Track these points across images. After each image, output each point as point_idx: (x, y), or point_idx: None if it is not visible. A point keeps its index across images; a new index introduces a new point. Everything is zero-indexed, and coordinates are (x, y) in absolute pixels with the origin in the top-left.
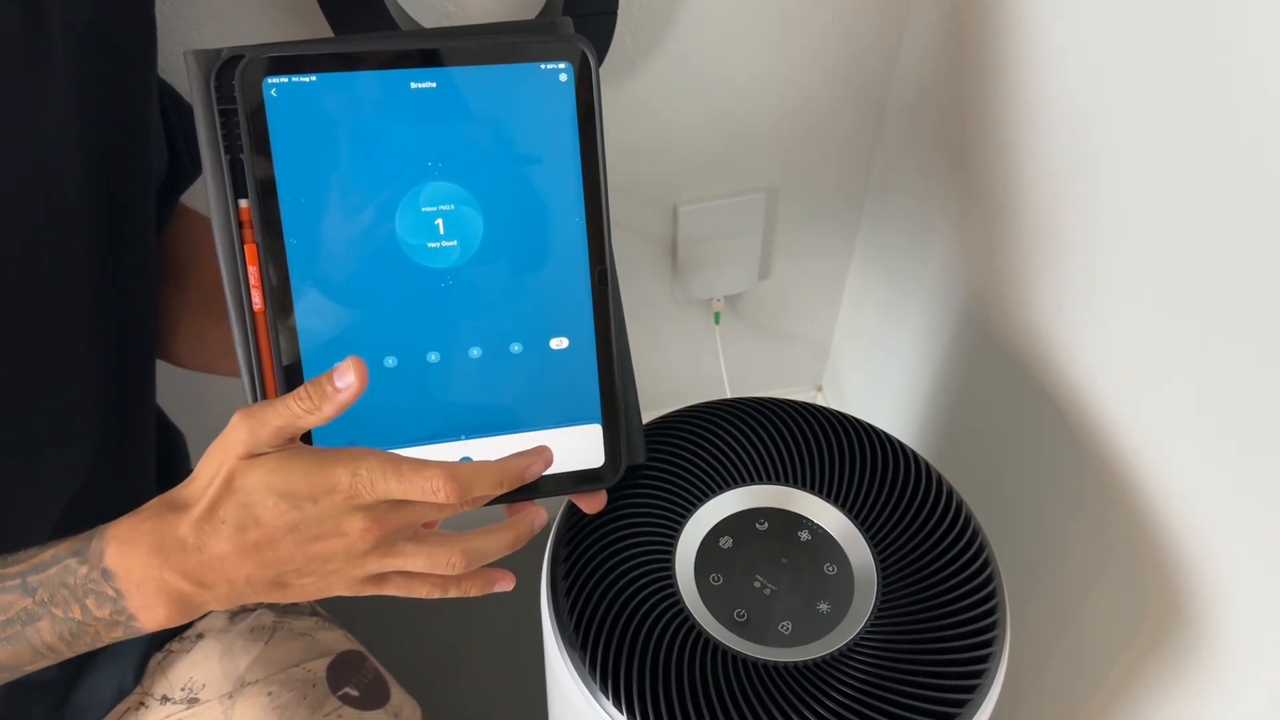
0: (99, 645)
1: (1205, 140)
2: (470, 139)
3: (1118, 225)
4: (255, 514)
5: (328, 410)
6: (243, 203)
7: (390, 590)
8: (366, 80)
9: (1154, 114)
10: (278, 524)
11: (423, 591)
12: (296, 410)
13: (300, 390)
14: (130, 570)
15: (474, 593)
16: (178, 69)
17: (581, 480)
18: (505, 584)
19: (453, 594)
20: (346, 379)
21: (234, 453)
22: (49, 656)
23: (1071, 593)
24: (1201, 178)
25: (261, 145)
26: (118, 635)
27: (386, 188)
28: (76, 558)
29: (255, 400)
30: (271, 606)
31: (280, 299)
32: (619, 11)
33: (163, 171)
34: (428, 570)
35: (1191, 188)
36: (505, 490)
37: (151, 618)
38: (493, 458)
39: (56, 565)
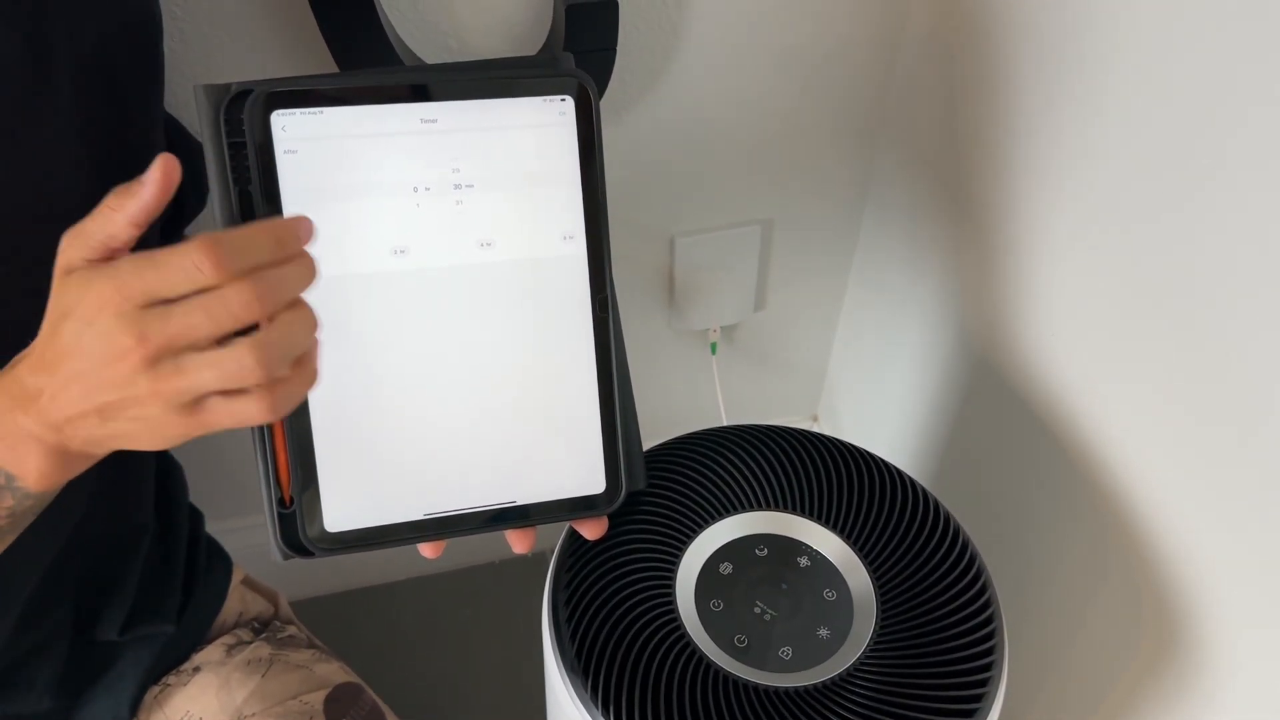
0: (1, 524)
1: (1202, 169)
2: (474, 170)
3: (1110, 251)
4: (59, 343)
5: (131, 207)
6: None
7: (217, 419)
8: (373, 114)
9: (1149, 141)
10: (73, 350)
11: (251, 411)
12: (103, 211)
13: (111, 193)
14: None
15: (307, 387)
16: (186, 102)
17: (582, 506)
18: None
19: (289, 405)
20: (151, 176)
21: (58, 272)
22: None
23: (1069, 616)
24: (1197, 205)
25: (270, 178)
26: (9, 504)
27: (392, 218)
28: None
29: (262, 444)
30: (268, 639)
31: None
32: (619, 48)
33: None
34: (220, 385)
35: (1186, 214)
36: (285, 249)
37: (28, 473)
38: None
39: None
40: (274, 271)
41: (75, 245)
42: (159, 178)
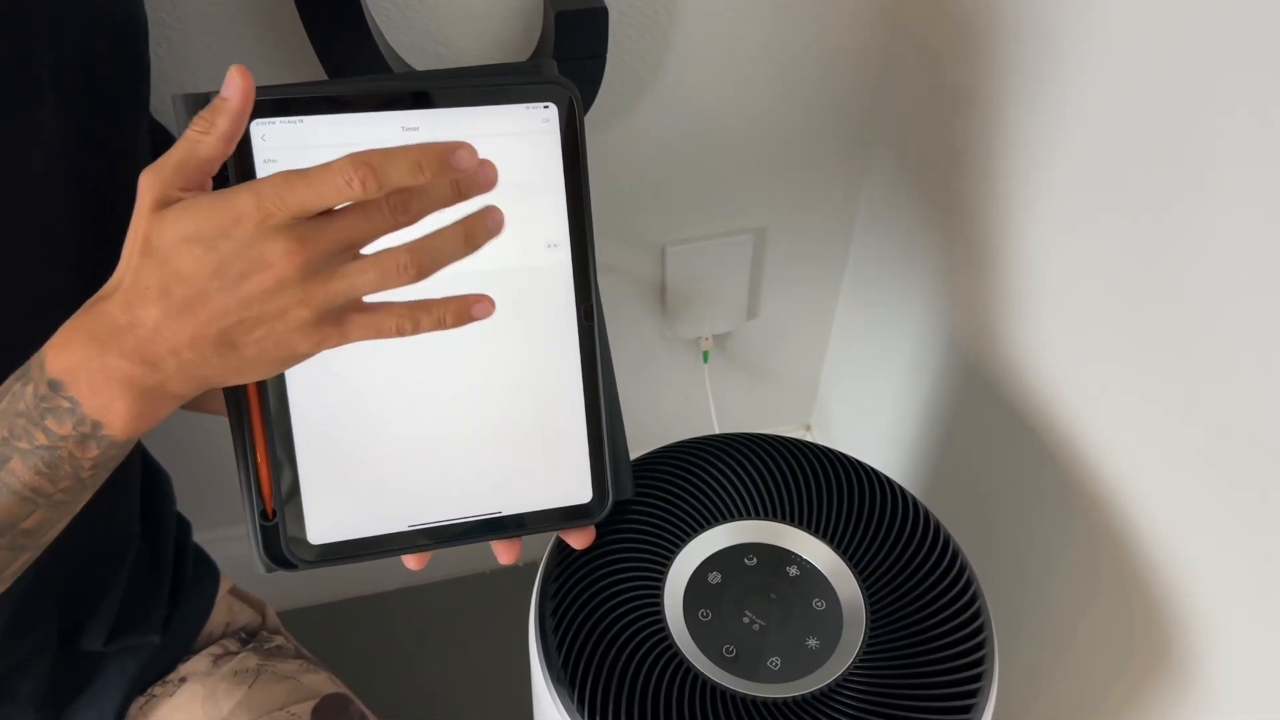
0: (84, 476)
1: (1194, 176)
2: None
3: (1101, 261)
4: (175, 269)
5: (222, 123)
6: None
7: (356, 332)
8: (354, 122)
9: (1141, 148)
10: (199, 272)
11: (390, 325)
12: (193, 136)
13: (194, 120)
14: (75, 371)
15: (450, 321)
16: (168, 111)
17: (569, 516)
18: (483, 307)
19: (425, 326)
20: (232, 85)
21: (144, 208)
22: (40, 501)
23: (1060, 627)
24: (1188, 213)
25: None
26: (94, 454)
27: None
28: (20, 381)
29: (243, 454)
30: (255, 650)
31: None
32: (609, 56)
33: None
34: (378, 284)
35: (1178, 220)
36: (427, 172)
37: (115, 418)
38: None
39: (5, 397)
40: (425, 185)
41: (166, 179)
42: (239, 84)
